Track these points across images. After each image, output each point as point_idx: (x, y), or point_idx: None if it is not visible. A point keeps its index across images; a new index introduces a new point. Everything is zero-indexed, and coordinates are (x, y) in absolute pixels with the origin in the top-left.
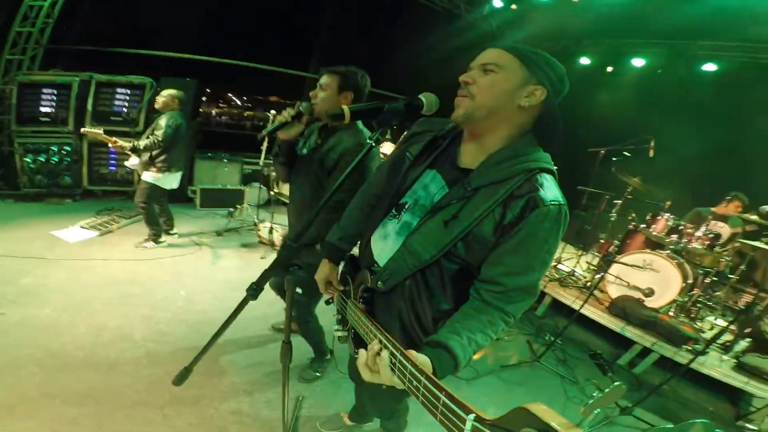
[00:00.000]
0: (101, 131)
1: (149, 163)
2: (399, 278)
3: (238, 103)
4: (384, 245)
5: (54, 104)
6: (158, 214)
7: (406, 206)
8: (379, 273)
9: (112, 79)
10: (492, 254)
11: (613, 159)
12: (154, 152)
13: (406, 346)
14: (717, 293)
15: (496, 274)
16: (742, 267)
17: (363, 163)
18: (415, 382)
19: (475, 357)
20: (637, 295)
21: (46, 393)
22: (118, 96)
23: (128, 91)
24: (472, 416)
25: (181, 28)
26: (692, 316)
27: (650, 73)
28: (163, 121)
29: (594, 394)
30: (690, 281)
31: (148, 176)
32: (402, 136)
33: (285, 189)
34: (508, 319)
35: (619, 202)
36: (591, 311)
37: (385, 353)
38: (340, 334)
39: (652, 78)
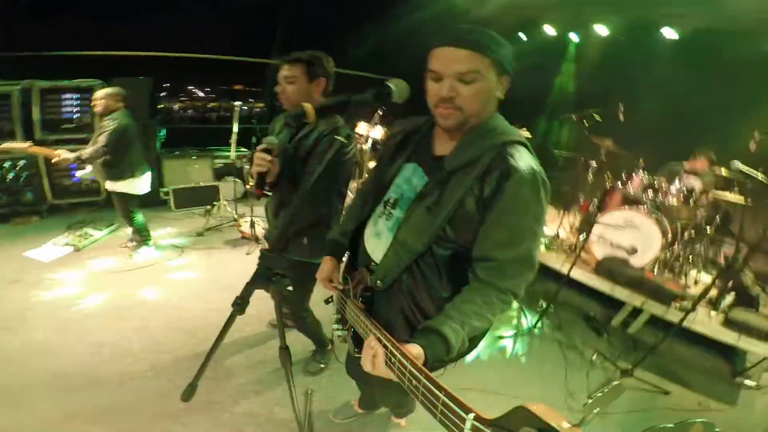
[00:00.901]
0: (27, 145)
1: (109, 172)
2: (396, 273)
3: (201, 95)
4: (377, 243)
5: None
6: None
7: (392, 201)
8: (377, 271)
9: (57, 84)
10: (480, 230)
11: (585, 123)
12: (108, 159)
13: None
14: (696, 246)
15: (485, 249)
16: (717, 220)
17: (338, 159)
18: (414, 382)
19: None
20: (621, 253)
21: (67, 415)
22: (65, 102)
23: (76, 96)
24: (471, 415)
25: (130, 23)
26: (676, 271)
27: (614, 41)
28: (106, 125)
29: (593, 358)
30: (669, 237)
31: (116, 186)
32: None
33: None
34: (505, 296)
35: (594, 163)
36: (579, 273)
37: (380, 349)
38: (339, 333)
39: (616, 46)
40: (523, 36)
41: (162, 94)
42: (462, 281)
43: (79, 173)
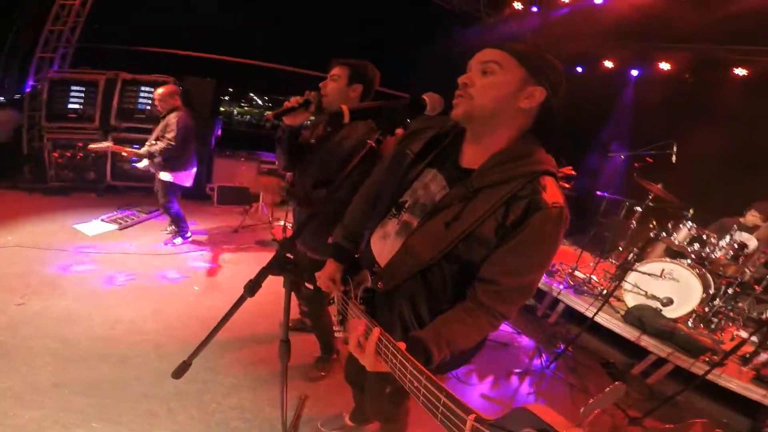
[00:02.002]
0: (109, 144)
1: (163, 163)
2: (399, 279)
3: (260, 102)
4: (384, 245)
5: (82, 101)
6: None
7: (406, 206)
8: (380, 274)
9: (137, 77)
10: (493, 254)
11: (635, 165)
12: (170, 153)
13: None
14: (739, 304)
15: (494, 273)
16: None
17: (367, 162)
18: (415, 383)
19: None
20: (655, 304)
21: (56, 383)
22: (142, 94)
23: (152, 90)
24: (472, 416)
25: (206, 27)
26: (713, 327)
27: (676, 78)
28: (172, 121)
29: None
30: (711, 291)
31: (165, 175)
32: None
33: None
34: (496, 320)
35: (639, 209)
36: (605, 319)
37: (361, 327)
38: (340, 334)
39: (677, 83)
40: (579, 69)
41: (225, 97)
42: (464, 297)
43: (139, 165)
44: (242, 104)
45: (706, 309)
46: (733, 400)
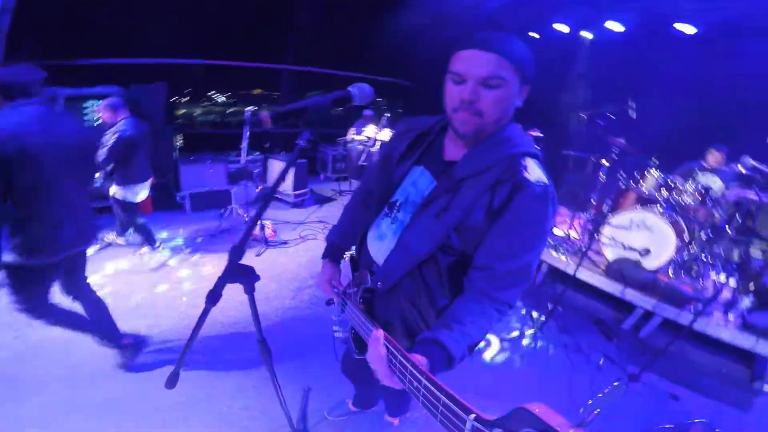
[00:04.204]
0: None
1: (110, 180)
2: (397, 276)
3: (224, 100)
4: (380, 245)
5: None
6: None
7: (398, 204)
8: (379, 273)
9: (78, 92)
10: (484, 240)
11: (599, 122)
12: (111, 169)
13: (412, 344)
14: (715, 249)
15: (487, 259)
16: (738, 218)
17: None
18: (415, 383)
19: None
20: (634, 255)
21: (68, 410)
22: (88, 109)
23: (98, 103)
24: (472, 416)
25: (152, 31)
26: (693, 274)
27: (628, 39)
28: (108, 136)
29: (600, 362)
30: (686, 238)
31: (115, 192)
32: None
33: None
34: (501, 307)
35: (607, 163)
36: (588, 275)
37: (381, 349)
38: (340, 334)
39: (629, 43)
40: (535, 35)
41: (183, 99)
42: (462, 290)
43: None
44: (204, 104)
45: (685, 256)
46: (729, 347)
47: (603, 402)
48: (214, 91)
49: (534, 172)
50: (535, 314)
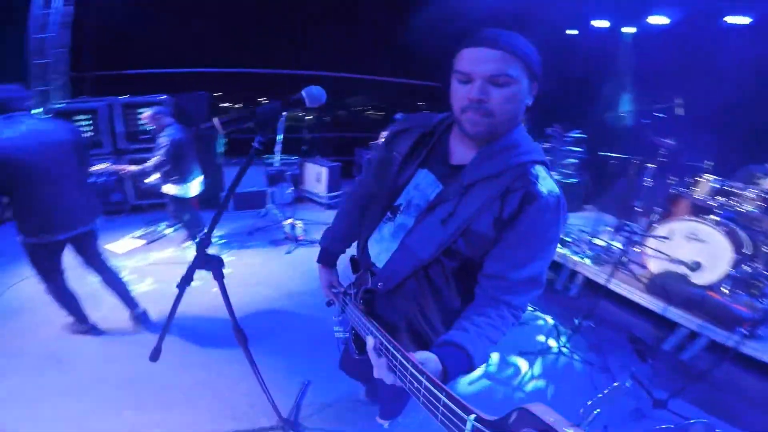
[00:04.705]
0: (107, 165)
1: (165, 179)
2: (399, 279)
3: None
4: (381, 248)
5: (91, 129)
6: (191, 220)
7: (401, 208)
8: (379, 274)
9: (133, 100)
10: (494, 250)
11: (644, 121)
12: (166, 170)
13: (418, 347)
14: None
15: (499, 269)
16: None
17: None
18: (415, 384)
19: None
20: (682, 270)
21: (97, 379)
22: (141, 115)
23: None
24: (472, 416)
25: (198, 43)
26: (753, 292)
27: (673, 31)
28: (162, 140)
29: (627, 384)
30: (746, 251)
31: (169, 189)
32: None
33: (309, 186)
34: (516, 312)
35: (653, 166)
36: (627, 290)
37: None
38: (340, 335)
39: (675, 36)
40: (573, 31)
41: (229, 104)
42: (470, 291)
43: (146, 180)
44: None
45: (744, 271)
46: None
47: (603, 402)
48: (264, 98)
49: (546, 182)
50: (562, 329)
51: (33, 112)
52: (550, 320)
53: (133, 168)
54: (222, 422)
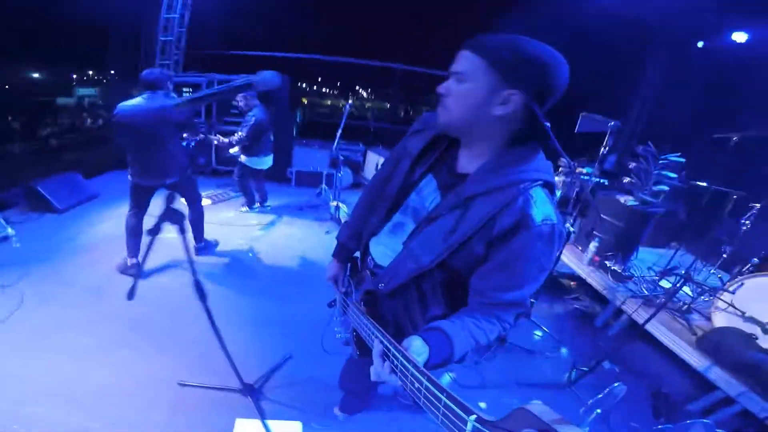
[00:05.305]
0: (201, 137)
1: (241, 150)
2: (399, 281)
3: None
4: (384, 249)
5: None
6: (254, 188)
7: (406, 212)
8: (381, 275)
9: (228, 78)
10: (480, 268)
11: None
12: (246, 144)
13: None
14: None
15: (484, 288)
16: None
17: None
18: (416, 384)
19: None
20: (751, 329)
21: (115, 315)
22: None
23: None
24: (473, 417)
25: (286, 31)
26: None
27: None
28: (248, 119)
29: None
30: None
31: (242, 159)
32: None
33: (369, 174)
34: (503, 324)
35: (757, 205)
36: (671, 340)
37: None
38: (341, 336)
39: None
40: (700, 44)
41: (305, 86)
42: (454, 305)
43: (231, 150)
44: (320, 97)
45: None
46: None
47: (603, 402)
48: (358, 87)
49: (543, 208)
50: (578, 366)
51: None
52: (564, 352)
53: (221, 139)
54: (196, 374)
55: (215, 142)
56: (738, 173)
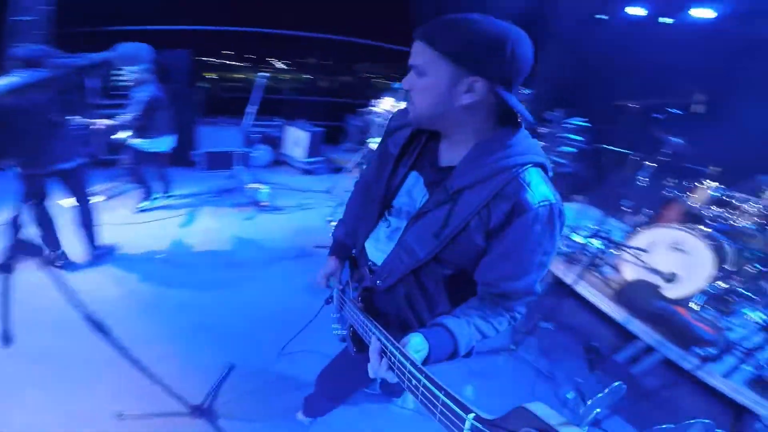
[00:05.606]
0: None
1: (137, 134)
2: (397, 276)
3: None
4: (378, 246)
5: None
6: (155, 176)
7: (394, 211)
8: (378, 272)
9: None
10: (484, 259)
11: (657, 116)
12: (139, 125)
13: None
14: (763, 284)
15: (491, 279)
16: None
17: None
18: (414, 381)
19: None
20: (656, 280)
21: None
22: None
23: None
24: (471, 415)
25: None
26: (724, 310)
27: (714, 27)
28: (138, 97)
29: (567, 396)
30: (729, 267)
31: (134, 141)
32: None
33: (288, 149)
34: (513, 313)
35: (653, 165)
36: (593, 295)
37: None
38: (338, 332)
39: (715, 32)
40: (603, 16)
41: (211, 60)
42: (461, 300)
43: (119, 135)
44: (230, 71)
45: (721, 287)
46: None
47: (603, 402)
48: (273, 59)
49: (538, 189)
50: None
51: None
52: None
53: (107, 122)
54: (134, 402)
55: (101, 126)
56: (635, 136)
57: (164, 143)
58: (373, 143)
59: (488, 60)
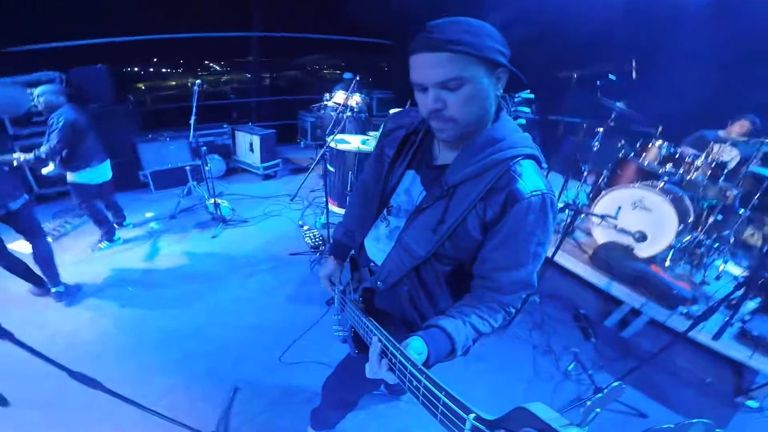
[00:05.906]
0: None
1: (62, 165)
2: (397, 276)
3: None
4: (378, 247)
5: None
6: (105, 209)
7: (392, 210)
8: (378, 272)
9: (16, 80)
10: (481, 252)
11: (596, 83)
12: (64, 155)
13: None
14: (725, 233)
15: (486, 271)
16: (756, 199)
17: None
18: (414, 382)
19: None
20: (627, 240)
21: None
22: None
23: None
24: (472, 416)
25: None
26: (695, 263)
27: None
28: (53, 122)
29: (569, 368)
30: (690, 219)
31: (71, 176)
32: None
33: (243, 156)
34: (506, 308)
35: (601, 129)
36: (572, 263)
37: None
38: (339, 333)
39: None
40: None
41: (137, 70)
42: (463, 294)
43: (45, 170)
44: (162, 79)
45: (687, 241)
46: (719, 355)
47: (602, 402)
48: (208, 62)
49: (529, 180)
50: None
51: None
52: None
53: (25, 156)
54: None
55: (14, 163)
56: (582, 104)
57: (103, 171)
58: (332, 140)
59: (502, 48)
